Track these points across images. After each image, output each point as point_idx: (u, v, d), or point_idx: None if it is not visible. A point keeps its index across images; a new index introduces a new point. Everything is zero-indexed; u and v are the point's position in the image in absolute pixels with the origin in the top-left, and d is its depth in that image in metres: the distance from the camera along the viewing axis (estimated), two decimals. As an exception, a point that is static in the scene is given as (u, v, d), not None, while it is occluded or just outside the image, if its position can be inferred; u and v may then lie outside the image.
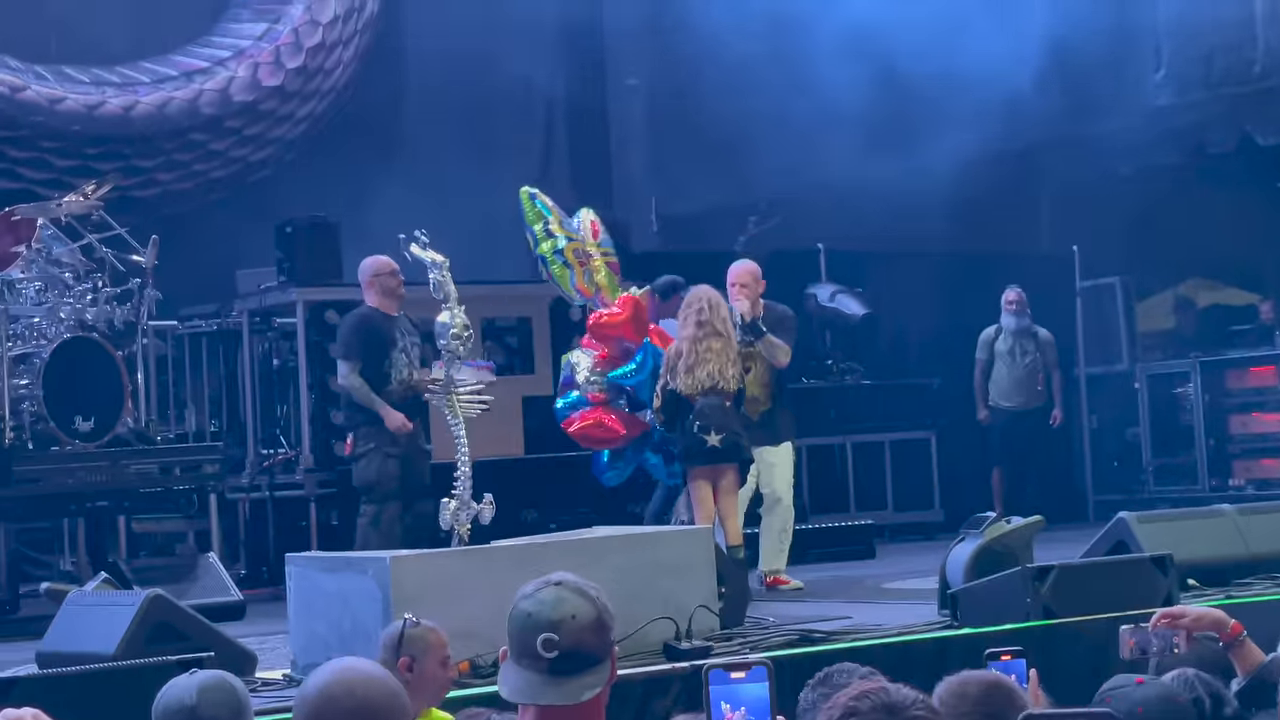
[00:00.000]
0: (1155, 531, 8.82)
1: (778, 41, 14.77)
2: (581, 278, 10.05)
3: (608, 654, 3.27)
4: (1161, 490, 15.25)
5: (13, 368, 10.18)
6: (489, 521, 7.95)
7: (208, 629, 7.06)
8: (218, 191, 15.43)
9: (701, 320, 9.62)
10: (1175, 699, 3.55)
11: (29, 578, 12.03)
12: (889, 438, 14.84)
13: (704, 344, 9.56)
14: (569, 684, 3.22)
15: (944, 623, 7.95)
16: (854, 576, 11.05)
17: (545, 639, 3.21)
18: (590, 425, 9.90)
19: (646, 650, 7.21)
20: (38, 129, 14.15)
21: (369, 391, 9.84)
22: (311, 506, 12.66)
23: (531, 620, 3.24)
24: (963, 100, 15.13)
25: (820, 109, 14.50)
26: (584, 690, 3.22)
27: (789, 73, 14.64)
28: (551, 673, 3.21)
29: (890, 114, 14.64)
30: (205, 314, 13.82)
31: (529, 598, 3.28)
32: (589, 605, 3.26)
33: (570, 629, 3.22)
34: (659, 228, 17.79)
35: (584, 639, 3.23)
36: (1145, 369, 15.81)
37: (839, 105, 14.36)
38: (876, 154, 15.35)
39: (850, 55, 14.41)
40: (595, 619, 3.25)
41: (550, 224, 10.02)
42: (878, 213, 15.47)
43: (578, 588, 3.29)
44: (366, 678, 2.99)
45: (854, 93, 14.25)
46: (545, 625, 3.22)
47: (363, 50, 16.14)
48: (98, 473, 10.42)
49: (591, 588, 3.31)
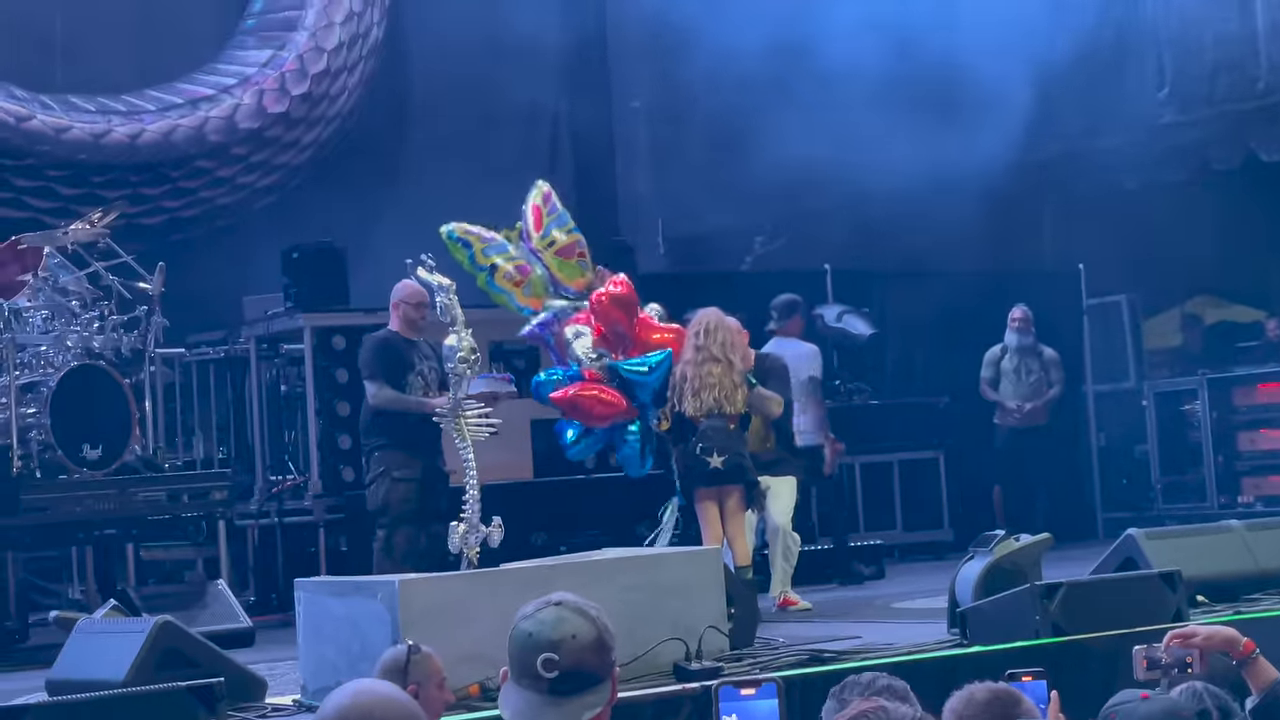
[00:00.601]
0: (1164, 548, 8.81)
1: (781, 63, 14.79)
2: (521, 293, 9.80)
3: (608, 674, 3.25)
4: (1170, 507, 15.23)
5: (20, 396, 10.19)
6: (498, 544, 7.96)
7: (217, 655, 7.06)
8: (224, 218, 15.46)
9: (699, 345, 9.64)
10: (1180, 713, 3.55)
11: (38, 606, 12.04)
12: (897, 457, 14.84)
13: (704, 368, 9.58)
14: (569, 704, 3.20)
15: (954, 641, 7.94)
16: (863, 596, 11.06)
17: (545, 659, 3.19)
18: (590, 397, 9.49)
19: (656, 671, 7.21)
20: (44, 158, 14.20)
21: (401, 396, 9.83)
22: (320, 532, 12.67)
23: (532, 640, 3.22)
24: (967, 119, 15.14)
25: (825, 129, 14.52)
26: (584, 710, 3.21)
27: (793, 93, 14.66)
28: (552, 693, 3.20)
29: (895, 134, 14.65)
30: (212, 341, 13.84)
31: (529, 618, 3.26)
32: (589, 625, 3.24)
33: (570, 648, 3.20)
34: (665, 249, 17.83)
35: (584, 659, 3.21)
36: (1153, 386, 15.80)
37: (844, 126, 14.38)
38: (882, 174, 15.37)
39: (853, 76, 14.43)
40: (596, 639, 3.23)
41: (474, 254, 9.72)
42: (884, 233, 15.49)
43: (578, 607, 3.27)
44: (385, 699, 2.99)
45: (858, 113, 14.27)
46: (545, 645, 3.20)
47: (367, 76, 16.19)
48: (106, 501, 10.42)
49: (592, 607, 3.29)
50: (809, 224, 16.37)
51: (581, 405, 9.52)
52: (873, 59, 14.36)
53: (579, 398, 9.48)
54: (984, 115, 15.05)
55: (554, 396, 9.52)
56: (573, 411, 9.57)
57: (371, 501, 9.97)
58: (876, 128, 14.43)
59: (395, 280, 10.02)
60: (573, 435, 9.77)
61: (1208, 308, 16.79)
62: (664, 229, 17.93)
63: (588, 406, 9.50)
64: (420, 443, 9.76)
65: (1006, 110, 14.87)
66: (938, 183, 15.63)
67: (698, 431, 9.60)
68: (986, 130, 15.23)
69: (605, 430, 9.68)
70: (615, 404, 9.51)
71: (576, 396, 9.47)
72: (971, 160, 15.22)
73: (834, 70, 14.45)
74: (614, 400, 9.51)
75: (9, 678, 9.21)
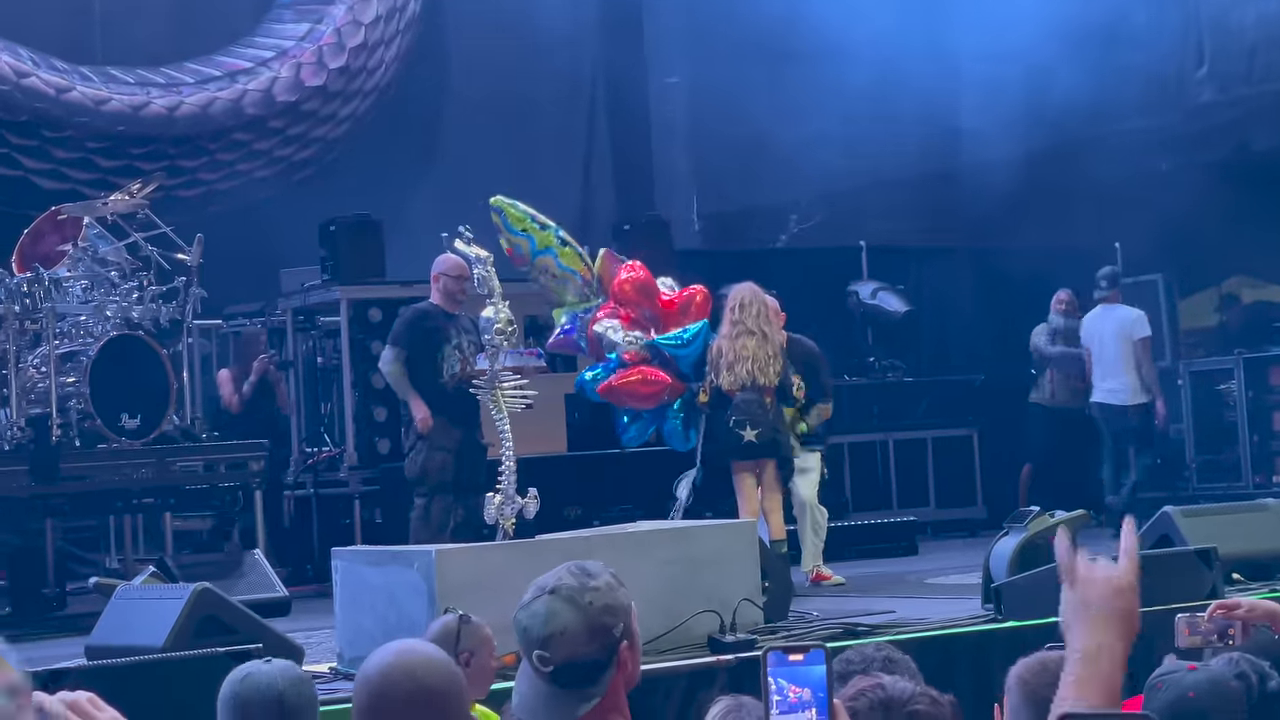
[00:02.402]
0: (1199, 525, 8.81)
1: (818, 39, 14.77)
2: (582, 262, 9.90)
3: (610, 656, 3.21)
4: (1205, 487, 15.17)
5: (60, 365, 10.26)
6: (533, 516, 7.99)
7: (255, 622, 7.10)
8: (261, 191, 15.50)
9: (735, 320, 9.66)
10: (1226, 684, 3.55)
11: (75, 575, 12.12)
12: (931, 434, 14.83)
13: (739, 342, 9.60)
14: (566, 696, 3.20)
15: (988, 616, 7.95)
16: (896, 572, 11.07)
17: (537, 655, 3.19)
18: (635, 381, 9.69)
19: (691, 643, 7.24)
20: (83, 129, 14.25)
21: (406, 381, 9.94)
22: (355, 504, 12.73)
23: (526, 635, 3.22)
24: (1004, 96, 15.11)
25: (861, 106, 14.50)
26: (581, 703, 3.19)
27: (829, 70, 14.63)
28: (552, 682, 3.20)
29: (931, 110, 14.63)
30: (249, 313, 13.90)
31: (525, 608, 3.24)
32: (579, 616, 3.19)
33: (560, 644, 3.18)
34: (701, 226, 17.81)
35: (576, 651, 3.18)
36: (1188, 366, 15.75)
37: (880, 102, 14.36)
38: (918, 151, 15.35)
39: (891, 53, 14.40)
40: (585, 630, 3.19)
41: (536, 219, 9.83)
42: (920, 210, 15.46)
43: (570, 595, 3.20)
44: (426, 659, 3.00)
45: (895, 89, 14.24)
46: (536, 642, 3.20)
47: (404, 50, 16.20)
48: (144, 470, 10.49)
49: (588, 591, 3.21)
50: (844, 201, 16.34)
51: (624, 391, 9.68)
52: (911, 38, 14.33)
53: (621, 385, 9.65)
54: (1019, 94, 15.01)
55: (599, 390, 9.72)
56: (618, 399, 9.71)
57: (409, 471, 10.01)
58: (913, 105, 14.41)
59: (431, 254, 10.06)
60: (626, 420, 10.00)
61: (1245, 288, 16.71)
62: (699, 205, 17.90)
63: (631, 390, 9.67)
64: (459, 414, 9.80)
65: (1043, 89, 14.83)
66: (974, 160, 15.60)
67: (732, 405, 9.62)
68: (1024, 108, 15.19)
69: (653, 412, 9.82)
70: (659, 381, 9.63)
71: (618, 385, 9.65)
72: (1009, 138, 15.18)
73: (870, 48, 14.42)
74: (657, 379, 9.63)
75: (47, 644, 9.27)
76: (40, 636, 9.82)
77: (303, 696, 3.54)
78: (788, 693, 2.70)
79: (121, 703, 4.46)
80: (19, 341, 10.18)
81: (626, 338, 9.61)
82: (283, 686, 3.51)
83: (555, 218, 10.22)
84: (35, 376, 10.31)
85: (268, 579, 9.98)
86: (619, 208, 16.95)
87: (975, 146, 15.73)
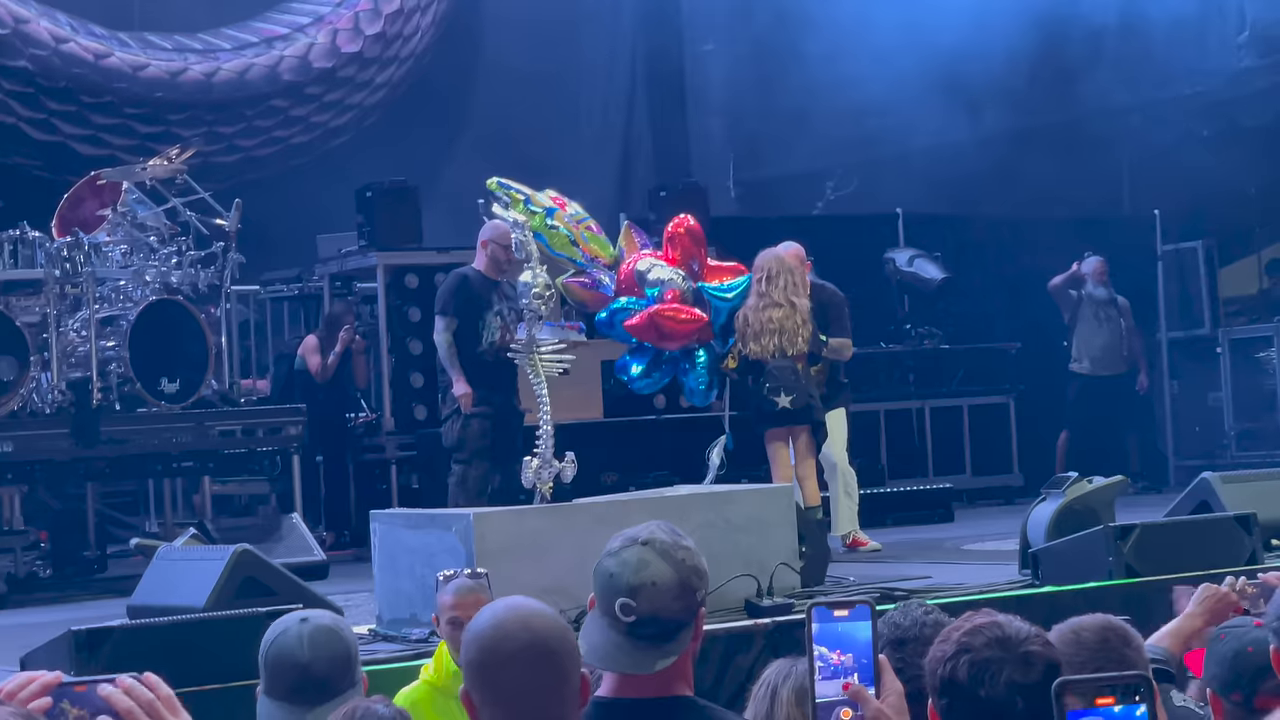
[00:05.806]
0: (1238, 491, 8.77)
1: (854, 6, 14.71)
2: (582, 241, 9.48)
3: (691, 617, 3.17)
4: (1243, 455, 15.11)
5: (99, 330, 10.30)
6: (570, 480, 7.99)
7: (294, 584, 7.13)
8: (298, 157, 15.53)
9: (761, 291, 9.54)
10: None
11: (115, 539, 12.20)
12: (967, 402, 14.80)
13: (765, 314, 9.49)
14: (644, 651, 3.14)
15: (1025, 581, 7.94)
16: (932, 539, 11.06)
17: (623, 604, 3.12)
18: (672, 314, 9.11)
19: (728, 607, 7.25)
20: (121, 95, 14.30)
21: (453, 354, 9.85)
22: (392, 469, 12.76)
23: (612, 582, 3.15)
24: (1043, 64, 15.03)
25: (898, 74, 14.43)
26: (659, 659, 3.14)
27: (866, 38, 14.58)
28: (630, 634, 3.13)
29: (970, 78, 14.55)
30: (286, 278, 13.94)
31: (614, 555, 3.17)
32: (671, 570, 3.14)
33: (648, 595, 3.12)
34: (737, 193, 17.79)
35: (663, 605, 3.12)
36: (1227, 334, 15.68)
37: (917, 70, 14.29)
38: (955, 118, 15.28)
39: (928, 21, 14.33)
40: (677, 584, 3.13)
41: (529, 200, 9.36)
42: (956, 177, 15.41)
43: (664, 549, 3.15)
44: (540, 612, 2.96)
45: (932, 57, 14.17)
46: (624, 590, 3.13)
47: (440, 17, 16.19)
48: (183, 434, 10.54)
49: (681, 548, 3.17)
50: (880, 169, 16.29)
51: (662, 324, 9.14)
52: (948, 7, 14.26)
53: (660, 315, 9.10)
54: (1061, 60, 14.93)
55: (630, 323, 9.14)
56: (650, 333, 9.19)
57: (447, 437, 10.01)
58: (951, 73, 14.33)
59: (468, 220, 10.01)
60: (639, 370, 9.55)
61: (1286, 255, 16.63)
62: (735, 172, 17.89)
63: (668, 325, 9.16)
64: (497, 380, 9.78)
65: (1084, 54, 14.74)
66: (1013, 127, 15.53)
67: (765, 371, 9.57)
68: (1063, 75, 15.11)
69: (671, 363, 9.50)
70: (697, 319, 9.22)
71: (658, 314, 9.10)
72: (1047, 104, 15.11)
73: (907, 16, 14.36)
74: (694, 316, 9.25)
75: (88, 605, 9.36)
76: (81, 598, 9.92)
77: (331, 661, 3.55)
78: (830, 659, 2.72)
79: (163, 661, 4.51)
80: (59, 306, 10.22)
81: (676, 274, 9.24)
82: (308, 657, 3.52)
83: (591, 184, 10.21)
84: (75, 340, 10.36)
85: (306, 543, 10.03)
86: (656, 174, 16.93)
87: (1014, 114, 15.66)
